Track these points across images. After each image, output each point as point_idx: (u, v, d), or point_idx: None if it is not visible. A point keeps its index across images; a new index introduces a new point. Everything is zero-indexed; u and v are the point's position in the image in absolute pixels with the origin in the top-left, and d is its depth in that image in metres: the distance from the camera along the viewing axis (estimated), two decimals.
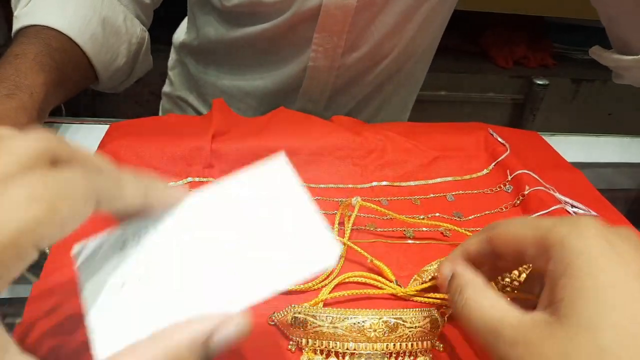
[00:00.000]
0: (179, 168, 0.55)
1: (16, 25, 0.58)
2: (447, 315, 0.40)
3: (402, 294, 0.42)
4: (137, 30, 0.70)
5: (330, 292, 0.42)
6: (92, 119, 0.64)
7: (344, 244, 0.46)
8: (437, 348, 0.38)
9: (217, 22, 0.74)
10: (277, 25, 0.67)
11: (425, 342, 0.38)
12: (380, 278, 0.43)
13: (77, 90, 0.62)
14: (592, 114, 1.80)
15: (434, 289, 0.43)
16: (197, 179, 0.54)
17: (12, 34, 0.58)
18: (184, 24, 0.86)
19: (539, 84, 1.69)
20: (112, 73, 0.67)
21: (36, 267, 0.44)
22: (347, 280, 0.43)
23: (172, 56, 0.90)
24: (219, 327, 0.22)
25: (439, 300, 0.42)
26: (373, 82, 0.78)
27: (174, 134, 0.58)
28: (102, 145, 0.56)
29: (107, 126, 0.60)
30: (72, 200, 0.19)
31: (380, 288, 0.43)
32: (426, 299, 0.42)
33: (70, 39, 0.58)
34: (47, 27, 0.57)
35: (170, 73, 0.91)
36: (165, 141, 0.56)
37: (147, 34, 0.73)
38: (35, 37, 0.56)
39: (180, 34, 0.86)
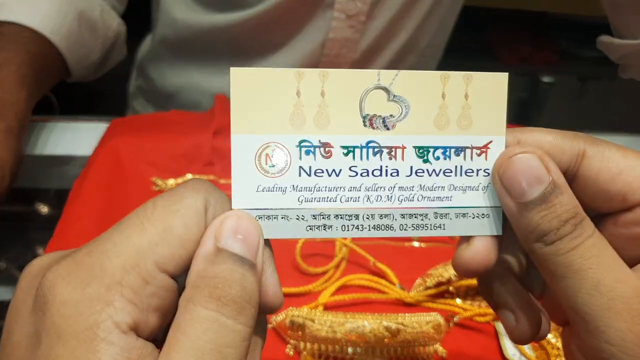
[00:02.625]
0: (179, 165, 0.54)
1: None
2: (451, 322, 0.39)
3: (409, 299, 0.41)
4: (114, 24, 0.68)
5: (331, 295, 0.41)
6: (87, 117, 0.63)
7: (347, 245, 0.45)
8: (440, 354, 0.38)
9: (200, 4, 0.69)
10: None
11: (427, 348, 0.37)
12: (383, 281, 0.42)
13: (51, 87, 0.61)
14: (598, 112, 1.79)
15: (440, 294, 0.42)
16: (197, 177, 0.53)
17: None
18: (147, 41, 0.82)
19: (544, 82, 1.68)
20: (85, 67, 0.65)
21: None
22: (349, 283, 0.43)
23: (134, 82, 0.85)
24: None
25: (444, 306, 0.41)
26: (388, 60, 0.74)
27: (175, 130, 0.57)
28: (103, 142, 0.55)
29: (102, 125, 0.59)
30: (184, 218, 0.19)
31: (382, 292, 0.42)
32: (431, 305, 0.41)
33: (46, 39, 0.57)
34: (25, 26, 0.55)
35: (133, 103, 0.86)
36: (165, 138, 0.56)
37: (123, 27, 0.70)
38: (16, 41, 0.54)
39: (145, 48, 0.82)
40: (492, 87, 0.22)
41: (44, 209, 0.54)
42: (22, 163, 0.49)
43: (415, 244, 0.48)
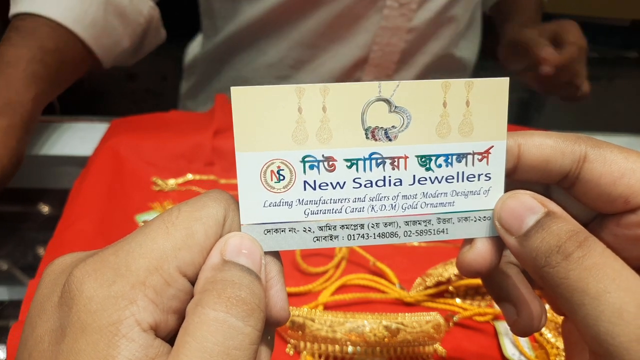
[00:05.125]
0: (179, 165, 0.54)
1: (13, 9, 0.56)
2: (451, 322, 0.39)
3: (409, 299, 0.41)
4: (145, 9, 0.66)
5: (331, 295, 0.41)
6: (87, 117, 0.63)
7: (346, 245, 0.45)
8: (439, 353, 0.38)
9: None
10: None
11: (427, 347, 0.37)
12: (382, 281, 0.42)
13: (74, 80, 0.60)
14: (597, 112, 1.79)
15: (439, 293, 0.42)
16: (197, 177, 0.53)
17: (10, 16, 0.56)
18: (196, 42, 0.83)
19: None
20: (115, 55, 0.64)
21: (31, 269, 0.43)
22: (348, 282, 0.42)
23: (185, 84, 0.86)
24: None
25: (444, 306, 0.41)
26: (436, 51, 0.76)
27: (175, 130, 0.57)
28: (103, 142, 0.55)
29: (102, 125, 0.59)
30: (205, 226, 0.20)
31: (382, 291, 0.42)
32: (430, 304, 0.41)
33: (67, 30, 0.56)
34: (44, 18, 0.55)
35: (188, 103, 0.87)
36: (166, 138, 0.56)
37: (156, 11, 0.69)
38: (31, 37, 0.54)
39: (196, 48, 0.83)
40: (493, 92, 0.22)
41: (44, 209, 0.54)
42: (20, 164, 0.49)
43: (415, 243, 0.48)
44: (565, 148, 0.22)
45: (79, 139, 0.59)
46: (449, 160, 0.23)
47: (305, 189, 0.22)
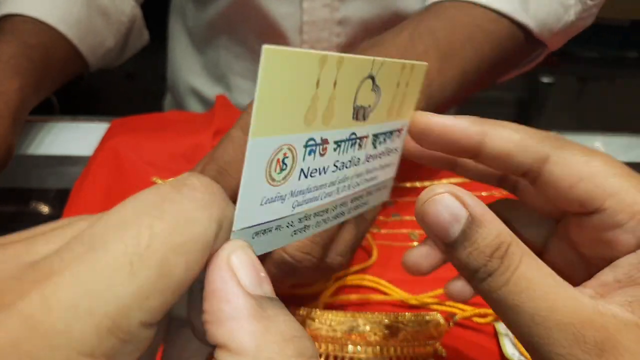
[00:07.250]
0: (179, 165, 0.54)
1: None
2: (451, 321, 0.39)
3: (414, 301, 0.41)
4: (127, 9, 0.67)
5: (331, 295, 0.41)
6: (86, 117, 0.63)
7: None
8: (440, 353, 0.38)
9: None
10: None
11: (427, 347, 0.37)
12: (383, 281, 0.42)
13: (64, 80, 0.60)
14: (598, 113, 1.79)
15: (440, 296, 0.42)
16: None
17: None
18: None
19: (544, 83, 1.68)
20: (101, 55, 0.64)
21: None
22: (349, 282, 0.43)
23: (168, 98, 0.84)
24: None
25: (444, 307, 0.41)
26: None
27: (175, 130, 0.57)
28: (103, 142, 0.55)
29: (102, 125, 0.59)
30: (188, 256, 0.15)
31: (382, 292, 0.42)
32: (432, 306, 0.41)
33: (51, 27, 0.56)
34: (27, 17, 0.55)
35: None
36: (165, 138, 0.56)
37: (138, 10, 0.70)
38: (12, 34, 0.54)
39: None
40: (418, 75, 0.23)
41: (44, 209, 0.54)
42: (11, 154, 0.49)
43: (415, 244, 0.48)
44: (530, 146, 0.22)
45: (78, 139, 0.59)
46: (385, 138, 0.24)
47: (299, 179, 0.20)
